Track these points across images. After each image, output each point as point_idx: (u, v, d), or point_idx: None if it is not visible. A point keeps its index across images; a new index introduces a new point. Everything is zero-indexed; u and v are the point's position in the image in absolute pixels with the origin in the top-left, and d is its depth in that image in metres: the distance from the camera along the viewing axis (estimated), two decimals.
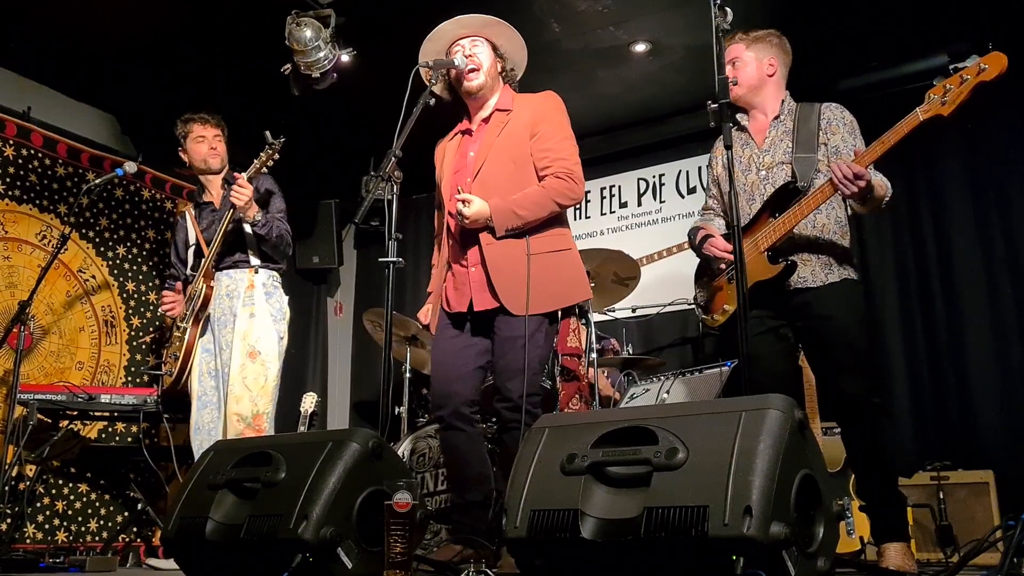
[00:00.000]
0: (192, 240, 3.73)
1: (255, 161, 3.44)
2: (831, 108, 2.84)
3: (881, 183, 2.66)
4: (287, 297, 3.70)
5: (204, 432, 3.53)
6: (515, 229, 2.73)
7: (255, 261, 3.61)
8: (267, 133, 3.39)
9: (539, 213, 2.75)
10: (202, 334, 3.59)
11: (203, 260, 3.58)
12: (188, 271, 3.73)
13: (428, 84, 2.82)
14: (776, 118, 2.89)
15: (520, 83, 3.05)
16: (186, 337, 3.54)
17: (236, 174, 3.49)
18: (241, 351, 3.48)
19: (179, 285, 3.69)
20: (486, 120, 2.92)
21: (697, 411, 1.80)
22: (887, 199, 2.70)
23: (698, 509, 1.59)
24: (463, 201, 2.69)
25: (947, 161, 4.56)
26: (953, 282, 4.41)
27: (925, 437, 4.32)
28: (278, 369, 3.56)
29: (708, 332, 4.86)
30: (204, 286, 3.52)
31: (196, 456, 3.50)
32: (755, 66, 2.90)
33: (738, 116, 2.98)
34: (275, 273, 3.67)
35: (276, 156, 3.42)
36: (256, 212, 3.49)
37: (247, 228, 3.57)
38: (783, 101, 2.90)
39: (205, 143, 3.71)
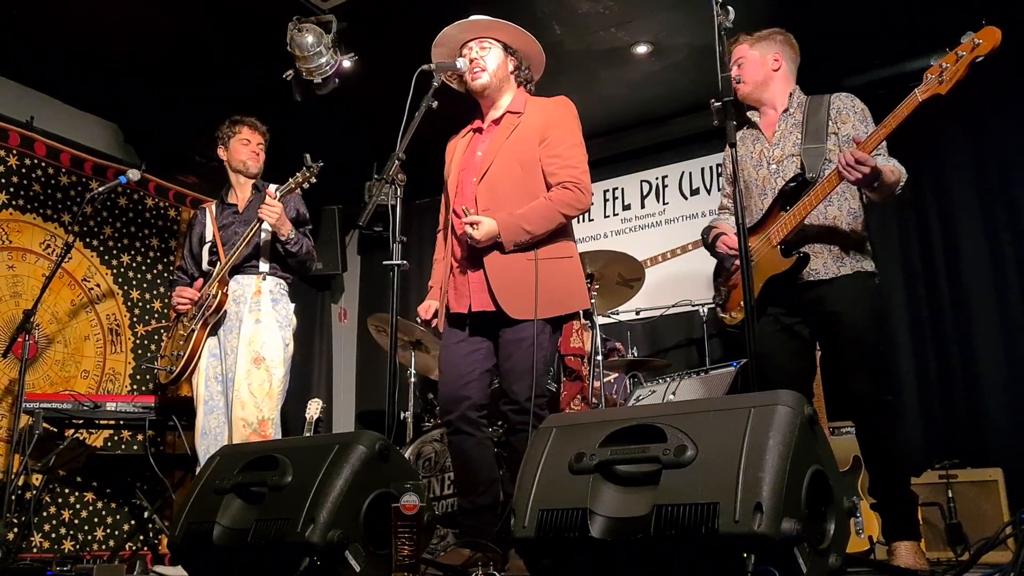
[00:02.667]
0: (209, 237, 3.72)
1: (290, 180, 3.45)
2: (841, 97, 2.83)
3: (892, 168, 2.63)
4: (293, 305, 3.70)
5: (211, 437, 3.52)
6: (523, 244, 2.73)
7: (264, 267, 3.61)
8: (307, 156, 3.40)
9: (546, 227, 2.75)
10: (211, 335, 3.58)
11: (219, 264, 3.57)
12: (205, 265, 3.71)
13: (447, 82, 2.82)
14: (785, 111, 2.89)
15: None
16: (192, 339, 3.53)
17: (268, 189, 3.49)
18: (246, 357, 3.47)
19: (199, 283, 3.67)
20: (497, 121, 2.92)
21: (706, 408, 1.78)
22: (902, 184, 2.67)
23: (708, 506, 1.57)
24: (471, 224, 2.68)
25: (952, 155, 4.55)
26: (960, 277, 4.40)
27: (933, 435, 4.30)
28: (282, 375, 3.54)
29: (713, 333, 4.87)
30: (219, 292, 3.51)
31: (203, 461, 3.50)
32: (759, 63, 2.91)
33: (749, 113, 2.98)
34: (282, 281, 3.67)
35: (313, 179, 3.43)
36: (290, 229, 3.53)
37: (264, 237, 3.58)
38: (791, 94, 2.90)
39: (250, 146, 3.74)
